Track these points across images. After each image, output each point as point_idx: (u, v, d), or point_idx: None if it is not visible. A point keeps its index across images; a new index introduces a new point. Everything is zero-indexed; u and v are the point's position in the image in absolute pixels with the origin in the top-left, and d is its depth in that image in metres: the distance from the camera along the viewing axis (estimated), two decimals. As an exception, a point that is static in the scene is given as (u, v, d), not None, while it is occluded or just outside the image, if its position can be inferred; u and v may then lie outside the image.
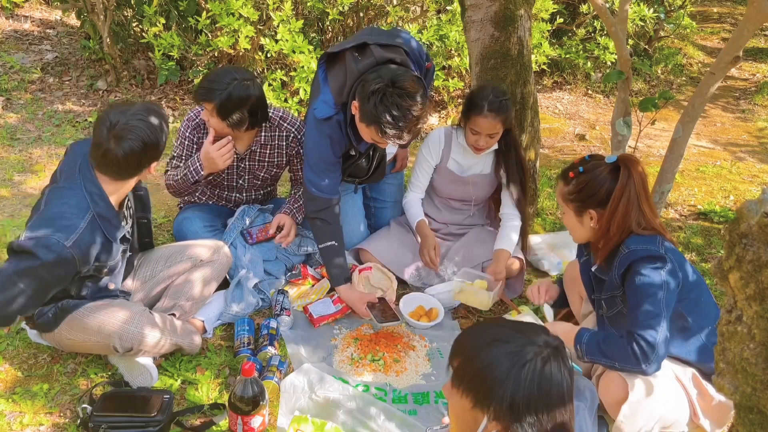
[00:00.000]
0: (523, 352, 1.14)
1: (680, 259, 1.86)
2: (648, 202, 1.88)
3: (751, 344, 1.03)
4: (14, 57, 4.95)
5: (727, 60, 2.26)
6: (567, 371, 1.15)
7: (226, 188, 2.77)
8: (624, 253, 1.84)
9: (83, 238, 1.88)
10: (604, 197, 1.87)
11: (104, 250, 1.98)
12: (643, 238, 1.84)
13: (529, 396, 1.11)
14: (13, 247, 1.86)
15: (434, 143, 2.74)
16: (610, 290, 1.93)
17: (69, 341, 2.09)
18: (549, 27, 4.88)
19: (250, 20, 4.00)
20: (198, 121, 2.58)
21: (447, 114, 4.89)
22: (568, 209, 1.97)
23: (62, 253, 1.83)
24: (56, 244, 1.83)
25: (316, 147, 2.42)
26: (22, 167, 3.65)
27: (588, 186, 1.89)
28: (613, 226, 1.86)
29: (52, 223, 1.86)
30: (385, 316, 2.49)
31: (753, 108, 5.64)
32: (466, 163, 2.73)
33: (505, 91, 2.58)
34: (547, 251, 3.05)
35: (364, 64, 2.26)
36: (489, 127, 2.49)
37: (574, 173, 1.93)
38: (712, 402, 1.85)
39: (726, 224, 1.26)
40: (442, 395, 2.17)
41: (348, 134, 2.40)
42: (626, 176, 1.84)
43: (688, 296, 1.86)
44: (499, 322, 1.25)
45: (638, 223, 1.85)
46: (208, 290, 2.39)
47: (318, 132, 2.38)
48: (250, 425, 1.92)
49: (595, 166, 1.90)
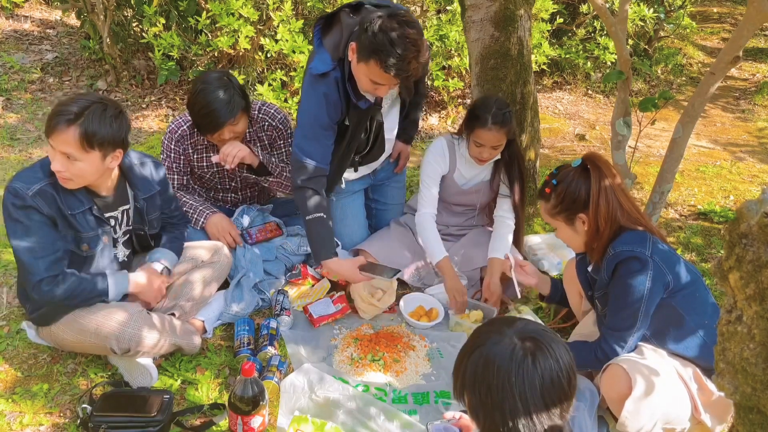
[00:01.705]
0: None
1: (670, 258, 1.89)
2: (624, 193, 1.97)
3: (751, 344, 1.03)
4: (14, 57, 4.95)
5: (727, 60, 2.26)
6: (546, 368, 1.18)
7: (221, 190, 2.78)
8: (610, 255, 1.90)
9: (47, 189, 1.91)
10: (585, 198, 1.94)
11: (69, 218, 1.97)
12: (632, 235, 1.90)
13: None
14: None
15: (439, 153, 2.68)
16: (601, 289, 1.99)
17: (67, 341, 2.10)
18: (549, 27, 4.88)
19: (250, 20, 4.00)
20: (181, 132, 2.59)
21: (447, 114, 4.89)
22: (559, 222, 2.04)
23: (25, 198, 1.88)
24: (20, 189, 1.89)
25: (310, 108, 2.33)
26: (22, 167, 3.63)
27: (567, 194, 1.97)
28: (600, 221, 1.92)
29: (19, 177, 1.93)
30: (386, 270, 2.46)
31: (753, 108, 5.64)
32: (470, 174, 2.72)
33: (507, 102, 2.57)
34: (547, 251, 3.05)
35: (358, 18, 2.23)
36: (493, 140, 2.48)
37: (549, 188, 2.01)
38: (712, 397, 1.86)
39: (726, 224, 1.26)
40: (442, 395, 2.17)
41: (347, 91, 2.31)
42: (597, 173, 1.93)
43: (680, 293, 1.89)
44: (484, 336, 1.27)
45: (622, 215, 1.93)
46: (208, 291, 2.39)
47: (313, 90, 2.31)
48: (250, 425, 1.92)
49: (566, 174, 1.99)
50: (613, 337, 1.91)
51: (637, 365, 1.83)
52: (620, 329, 1.90)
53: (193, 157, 2.62)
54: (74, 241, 2.01)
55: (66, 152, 1.86)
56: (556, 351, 1.19)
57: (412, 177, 3.90)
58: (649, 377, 1.81)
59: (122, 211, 2.15)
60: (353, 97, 2.32)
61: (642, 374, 1.81)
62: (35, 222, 1.90)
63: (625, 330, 1.89)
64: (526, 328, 1.22)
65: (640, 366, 1.83)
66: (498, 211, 2.74)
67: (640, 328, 1.89)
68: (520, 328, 1.22)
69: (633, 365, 1.83)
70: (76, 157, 1.87)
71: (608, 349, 1.91)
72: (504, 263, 2.55)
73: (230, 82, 2.46)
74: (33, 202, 1.88)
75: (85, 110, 1.86)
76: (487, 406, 1.16)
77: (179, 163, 2.61)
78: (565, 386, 1.17)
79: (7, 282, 2.61)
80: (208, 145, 2.60)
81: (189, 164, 2.64)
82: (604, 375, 1.89)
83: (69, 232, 1.99)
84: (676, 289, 1.88)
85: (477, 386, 1.18)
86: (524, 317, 2.53)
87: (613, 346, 1.91)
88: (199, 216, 2.60)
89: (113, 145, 1.94)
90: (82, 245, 2.02)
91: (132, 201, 2.17)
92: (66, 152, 1.86)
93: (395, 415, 2.05)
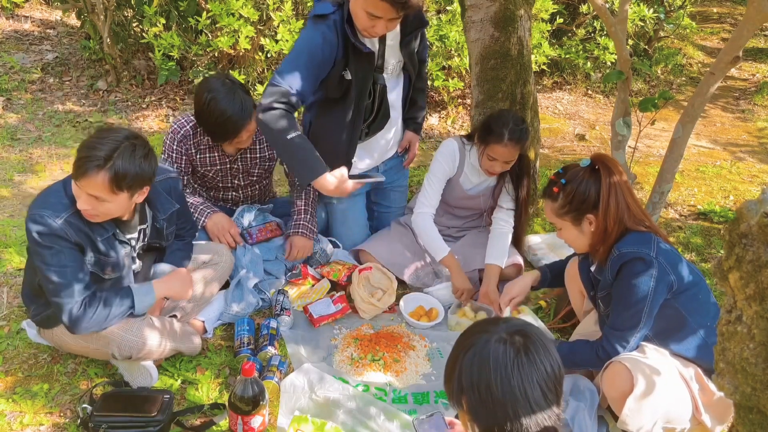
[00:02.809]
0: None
1: (673, 259, 1.89)
2: (631, 194, 1.96)
3: (751, 344, 1.03)
4: (14, 57, 4.95)
5: (727, 60, 2.26)
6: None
7: (221, 189, 2.78)
8: (615, 255, 1.91)
9: (73, 218, 1.86)
10: (595, 199, 1.94)
11: (97, 243, 1.94)
12: (636, 237, 1.90)
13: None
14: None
15: (450, 155, 2.66)
16: (605, 289, 1.99)
17: (68, 345, 2.10)
18: (549, 27, 4.88)
19: (250, 20, 4.00)
20: (184, 132, 2.58)
21: (447, 114, 4.89)
22: (565, 223, 2.03)
23: (53, 226, 1.83)
24: (48, 217, 1.83)
25: (305, 43, 2.29)
26: (22, 167, 3.65)
27: (577, 194, 1.96)
28: (609, 222, 1.92)
29: (45, 203, 1.87)
30: (372, 174, 2.57)
31: (753, 108, 5.64)
32: (477, 180, 2.72)
33: (523, 118, 2.57)
34: (547, 251, 3.05)
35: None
36: (508, 155, 2.47)
37: (558, 188, 2.00)
38: (713, 397, 1.86)
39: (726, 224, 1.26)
40: (441, 395, 2.17)
41: (347, 34, 2.28)
42: (607, 173, 1.93)
43: (684, 294, 1.89)
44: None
45: (629, 216, 1.92)
46: (209, 291, 2.39)
47: (312, 29, 2.29)
48: (250, 425, 1.92)
49: (575, 174, 1.98)
50: (615, 336, 1.91)
51: (639, 364, 1.83)
52: (623, 329, 1.90)
53: (196, 157, 2.62)
54: (98, 265, 1.97)
55: (94, 195, 1.81)
56: (543, 340, 1.23)
57: (412, 177, 3.90)
58: (651, 376, 1.81)
59: (140, 230, 2.11)
60: (351, 37, 2.28)
61: (644, 373, 1.81)
62: (65, 248, 1.86)
63: (628, 330, 1.89)
64: (511, 324, 1.25)
65: (642, 365, 1.83)
66: (497, 214, 2.74)
67: (642, 328, 1.89)
68: (506, 325, 1.24)
69: (635, 363, 1.83)
70: (104, 199, 1.82)
71: (610, 349, 1.92)
72: (508, 268, 2.54)
73: (234, 85, 2.46)
74: (62, 232, 1.84)
75: (113, 152, 1.79)
76: (488, 403, 1.16)
77: (180, 163, 2.61)
78: (557, 371, 1.20)
79: (7, 282, 2.61)
80: (212, 144, 2.60)
81: (191, 164, 2.64)
82: (605, 373, 1.89)
83: (94, 257, 1.95)
84: (680, 290, 1.88)
85: (476, 386, 1.18)
86: (523, 317, 2.54)
87: (615, 345, 1.91)
88: (200, 215, 2.60)
89: (141, 185, 1.90)
90: (106, 269, 1.99)
91: (150, 220, 2.12)
92: (94, 195, 1.81)
93: (395, 415, 2.05)
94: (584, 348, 1.99)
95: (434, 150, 4.42)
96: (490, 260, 2.65)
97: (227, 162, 2.67)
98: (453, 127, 4.80)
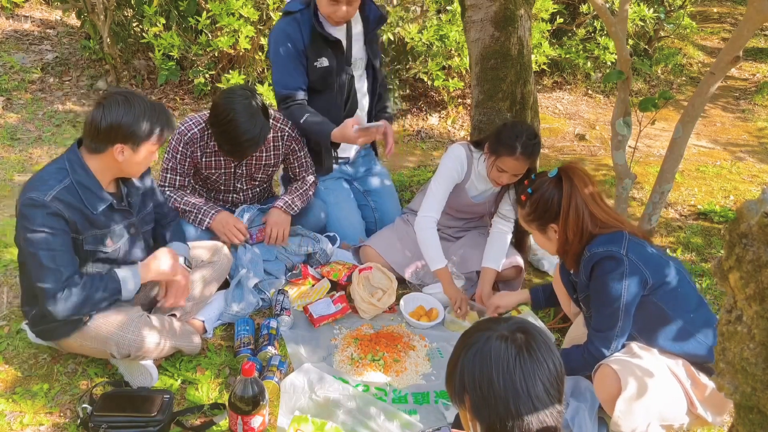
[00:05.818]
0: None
1: (646, 255, 1.90)
2: (597, 203, 1.98)
3: (751, 344, 1.03)
4: (14, 57, 4.95)
5: (727, 60, 2.26)
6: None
7: (223, 191, 2.78)
8: (586, 257, 1.93)
9: (62, 195, 1.88)
10: (557, 210, 1.97)
11: (92, 217, 1.95)
12: (606, 237, 1.92)
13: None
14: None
15: (458, 160, 2.62)
16: (583, 291, 2.01)
17: (68, 345, 2.10)
18: (549, 27, 4.88)
19: (250, 20, 4.00)
20: (191, 135, 2.56)
21: (447, 114, 4.89)
22: (533, 229, 2.08)
23: (47, 206, 1.85)
24: (37, 197, 1.85)
25: (272, 40, 2.73)
26: (22, 167, 3.65)
27: (540, 204, 2.00)
28: (569, 233, 1.96)
29: (32, 186, 1.89)
30: (374, 123, 2.69)
31: (753, 108, 5.64)
32: (483, 187, 2.71)
33: (536, 132, 2.55)
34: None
35: None
36: (518, 169, 2.45)
37: (525, 196, 2.04)
38: (706, 391, 1.87)
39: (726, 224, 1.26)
40: (442, 395, 2.18)
41: (314, 25, 2.64)
42: (569, 186, 1.96)
43: (661, 289, 1.90)
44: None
45: (594, 225, 1.95)
46: (208, 291, 2.39)
47: (276, 26, 2.75)
48: (250, 425, 1.92)
49: (541, 183, 2.01)
50: (598, 338, 1.92)
51: (629, 365, 1.83)
52: (603, 329, 1.91)
53: (201, 160, 2.62)
54: (96, 240, 1.98)
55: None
56: (544, 337, 1.23)
57: (412, 177, 3.90)
58: (642, 378, 1.81)
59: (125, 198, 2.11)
60: (318, 27, 2.65)
61: (634, 375, 1.80)
62: (58, 231, 1.87)
63: (609, 330, 1.90)
64: (513, 321, 1.25)
65: (632, 366, 1.83)
66: (496, 218, 2.74)
67: (623, 327, 1.89)
68: (508, 323, 1.24)
69: (624, 365, 1.83)
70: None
71: (595, 351, 1.92)
72: (507, 270, 2.56)
73: (256, 107, 2.43)
74: (55, 208, 1.85)
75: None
76: (490, 400, 1.16)
77: (184, 164, 2.60)
78: (559, 369, 1.20)
79: (7, 282, 2.61)
80: (218, 149, 2.60)
81: (194, 166, 2.64)
82: (595, 376, 1.90)
83: (90, 232, 1.96)
84: (656, 286, 1.89)
85: (478, 383, 1.18)
86: (523, 317, 2.54)
87: (599, 347, 1.92)
88: (204, 216, 2.59)
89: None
90: (105, 241, 2.00)
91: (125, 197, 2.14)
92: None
93: (395, 415, 2.05)
94: (576, 353, 1.99)
95: (434, 150, 4.43)
96: (487, 264, 2.66)
97: (232, 167, 2.67)
98: (453, 127, 4.80)
